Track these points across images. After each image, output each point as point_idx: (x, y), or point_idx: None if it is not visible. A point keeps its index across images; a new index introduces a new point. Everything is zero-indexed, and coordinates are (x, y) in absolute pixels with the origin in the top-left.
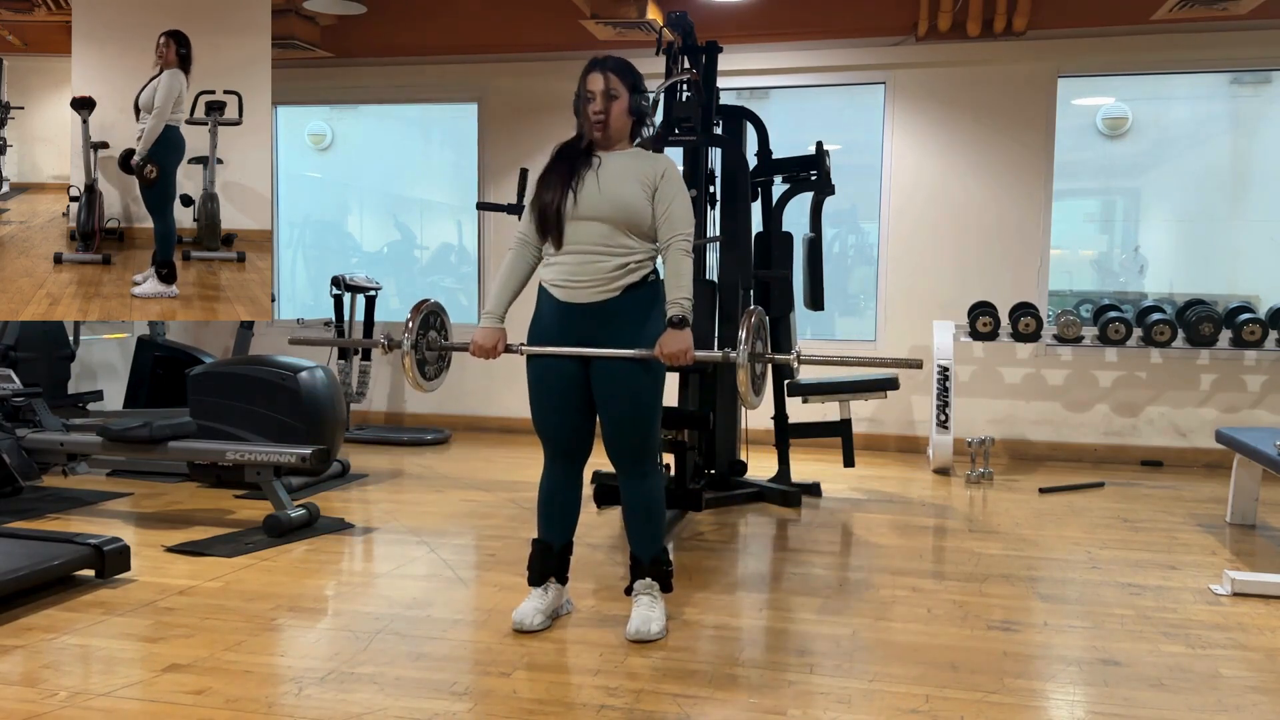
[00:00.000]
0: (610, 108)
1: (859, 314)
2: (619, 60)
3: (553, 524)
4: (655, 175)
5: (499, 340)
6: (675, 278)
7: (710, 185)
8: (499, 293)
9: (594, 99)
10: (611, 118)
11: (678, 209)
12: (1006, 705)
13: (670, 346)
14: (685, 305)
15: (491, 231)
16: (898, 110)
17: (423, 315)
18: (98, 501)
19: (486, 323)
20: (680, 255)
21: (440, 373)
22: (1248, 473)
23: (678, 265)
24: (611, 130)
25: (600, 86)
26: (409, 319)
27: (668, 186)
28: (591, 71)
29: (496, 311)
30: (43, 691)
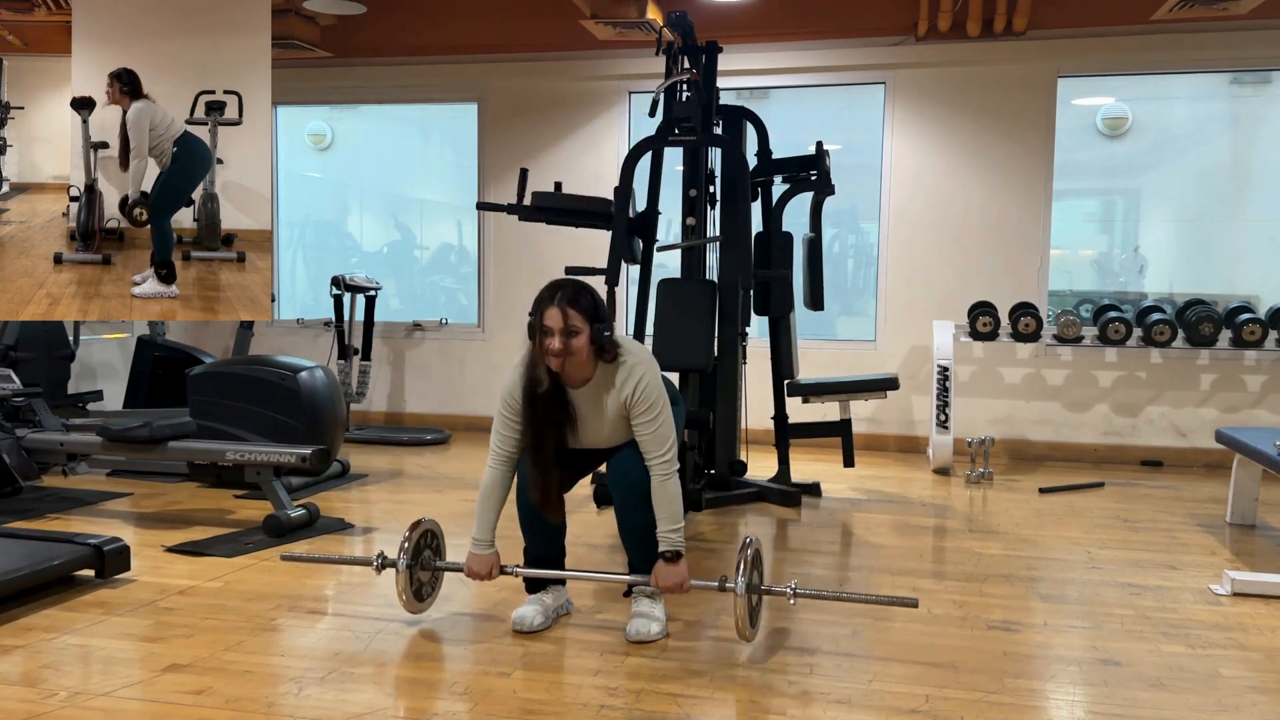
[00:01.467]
0: (571, 344)
1: (859, 314)
2: (575, 289)
3: (540, 542)
4: (625, 400)
5: (493, 565)
6: (663, 508)
7: (710, 185)
8: (484, 519)
9: (552, 336)
10: (573, 352)
11: (654, 432)
12: (1006, 705)
13: (665, 581)
14: (675, 540)
15: (491, 231)
16: (898, 110)
17: (419, 535)
18: (98, 501)
19: (477, 550)
20: (662, 482)
21: (433, 593)
22: (1248, 473)
23: (664, 493)
24: (573, 365)
25: (559, 324)
26: (404, 539)
27: (639, 408)
28: (549, 307)
29: (485, 538)
30: (43, 691)
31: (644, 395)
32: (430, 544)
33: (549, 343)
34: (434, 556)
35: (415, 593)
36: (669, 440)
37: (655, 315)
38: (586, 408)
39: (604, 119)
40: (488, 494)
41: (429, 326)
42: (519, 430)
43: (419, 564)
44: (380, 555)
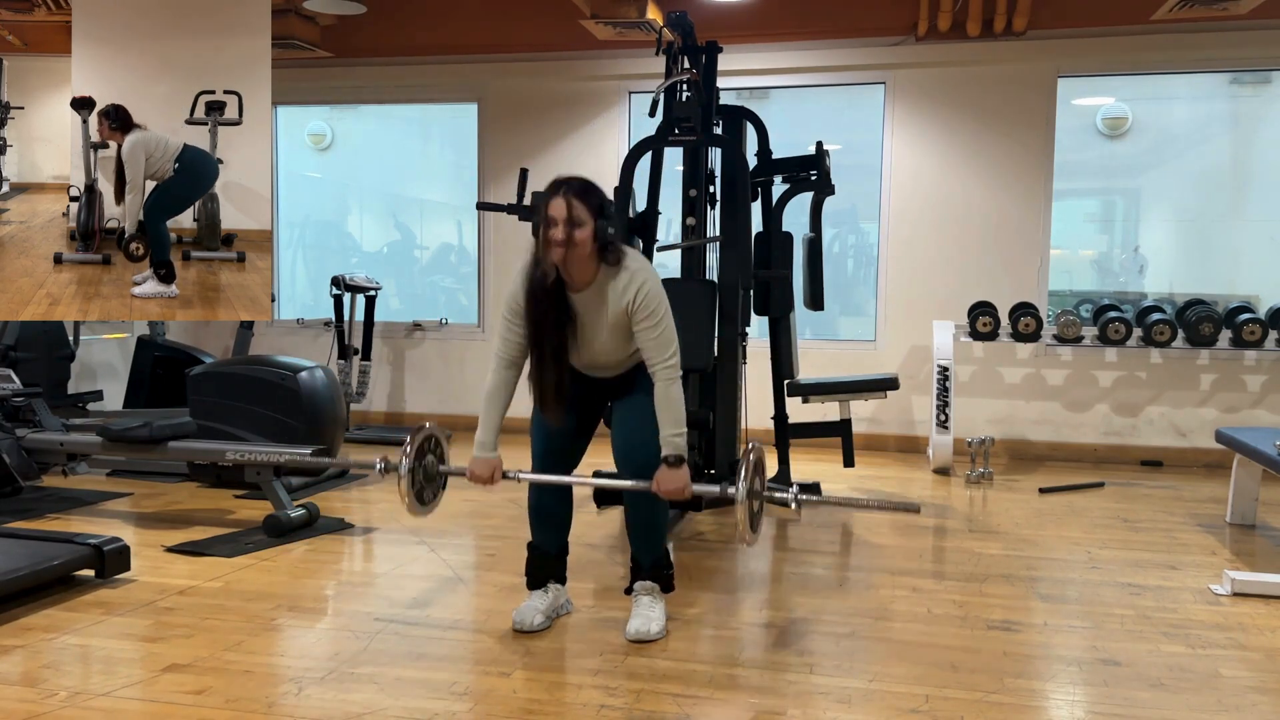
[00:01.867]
0: (574, 235)
1: (859, 314)
2: (582, 183)
3: (547, 531)
4: (628, 304)
5: (495, 469)
6: (665, 412)
7: (710, 185)
8: (487, 423)
9: (555, 225)
10: (575, 245)
11: (657, 336)
12: (1006, 705)
13: (667, 485)
14: (678, 444)
15: (491, 231)
16: (898, 110)
17: (421, 439)
18: (98, 501)
19: (481, 454)
20: (667, 385)
21: (436, 496)
22: (1248, 473)
23: (666, 397)
24: (575, 258)
25: (562, 214)
26: (407, 443)
27: (642, 313)
28: (553, 197)
29: (488, 442)
30: (43, 691)
31: (645, 301)
32: (433, 449)
33: (553, 233)
34: (437, 461)
35: (417, 495)
36: (672, 345)
37: None
38: (588, 312)
39: (604, 119)
40: (491, 398)
41: (429, 326)
42: (521, 335)
43: (421, 468)
44: (384, 459)
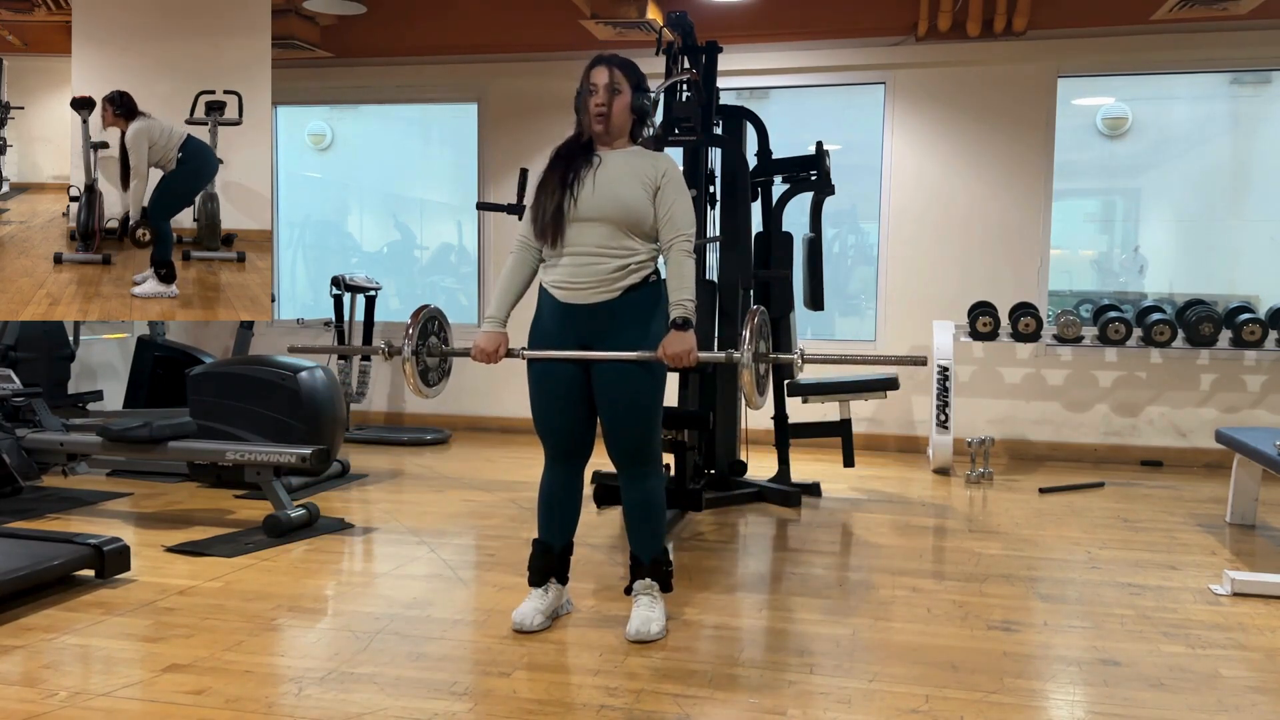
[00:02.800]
0: (613, 102)
1: (859, 314)
2: (623, 58)
3: (553, 525)
4: (657, 175)
5: (500, 344)
6: (677, 279)
7: (710, 185)
8: (500, 297)
9: (597, 91)
10: (614, 112)
11: (679, 210)
12: (1006, 705)
13: (673, 347)
14: (688, 306)
15: (491, 231)
16: (898, 110)
17: (422, 321)
18: (98, 501)
19: (488, 327)
20: (682, 256)
21: (442, 378)
22: (1248, 473)
23: (680, 266)
24: (613, 126)
25: (604, 80)
26: (409, 325)
27: (669, 187)
28: (596, 66)
29: (498, 315)
30: (43, 691)
31: (674, 177)
32: (435, 330)
33: (594, 101)
34: (440, 341)
35: (422, 376)
36: (692, 221)
37: None
38: (612, 166)
39: None
40: (508, 273)
41: None
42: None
43: (425, 349)
44: (387, 343)
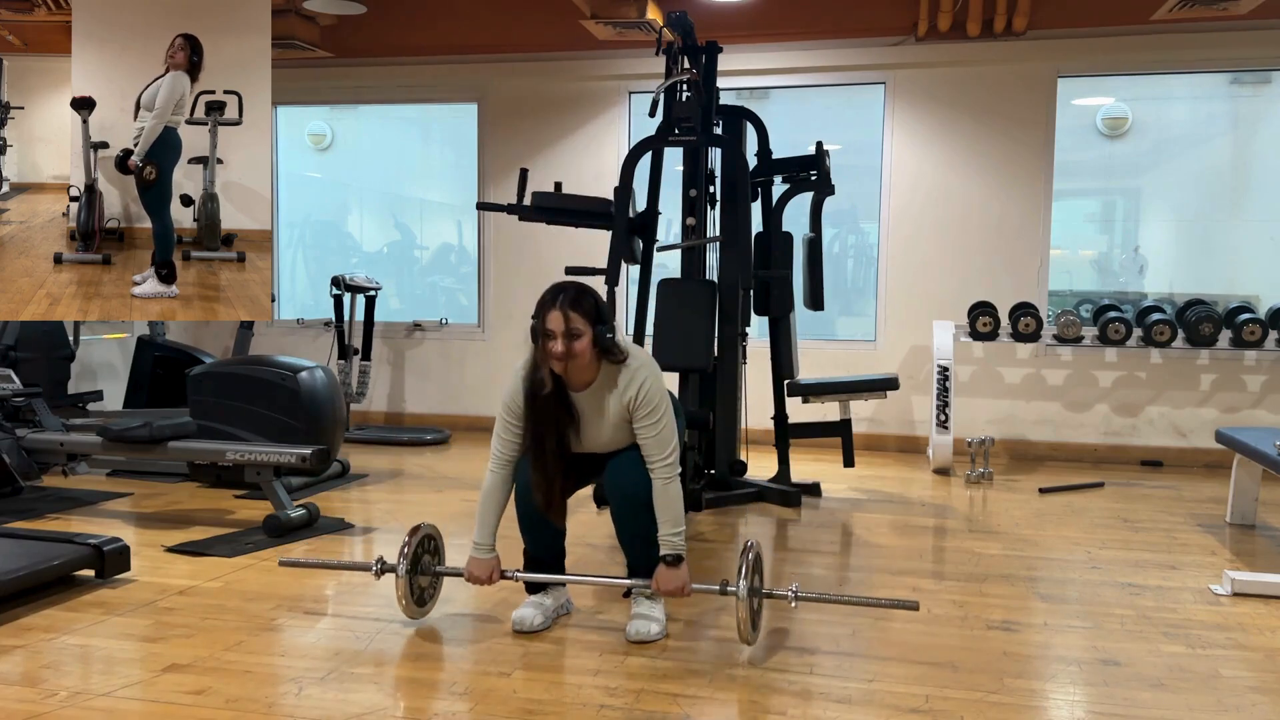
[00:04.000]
0: (573, 346)
1: (859, 314)
2: (577, 292)
3: (540, 543)
4: (628, 404)
5: (493, 569)
6: (664, 512)
7: (710, 185)
8: (485, 523)
9: (554, 338)
10: (576, 355)
11: (656, 435)
12: (1006, 705)
13: (667, 585)
14: (677, 543)
15: (491, 231)
16: (898, 110)
17: (418, 541)
18: (98, 501)
19: (478, 554)
20: (664, 486)
21: (433, 596)
22: (1248, 473)
23: (664, 497)
24: (576, 368)
25: (561, 327)
26: (404, 543)
27: (641, 412)
28: (550, 310)
29: (485, 543)
30: (43, 691)
31: (647, 398)
32: (429, 548)
33: (551, 346)
34: (434, 561)
35: (416, 599)
36: (671, 443)
37: (655, 315)
38: (589, 410)
39: (604, 119)
40: (488, 498)
41: (429, 326)
42: (520, 435)
43: (419, 570)
44: (380, 560)
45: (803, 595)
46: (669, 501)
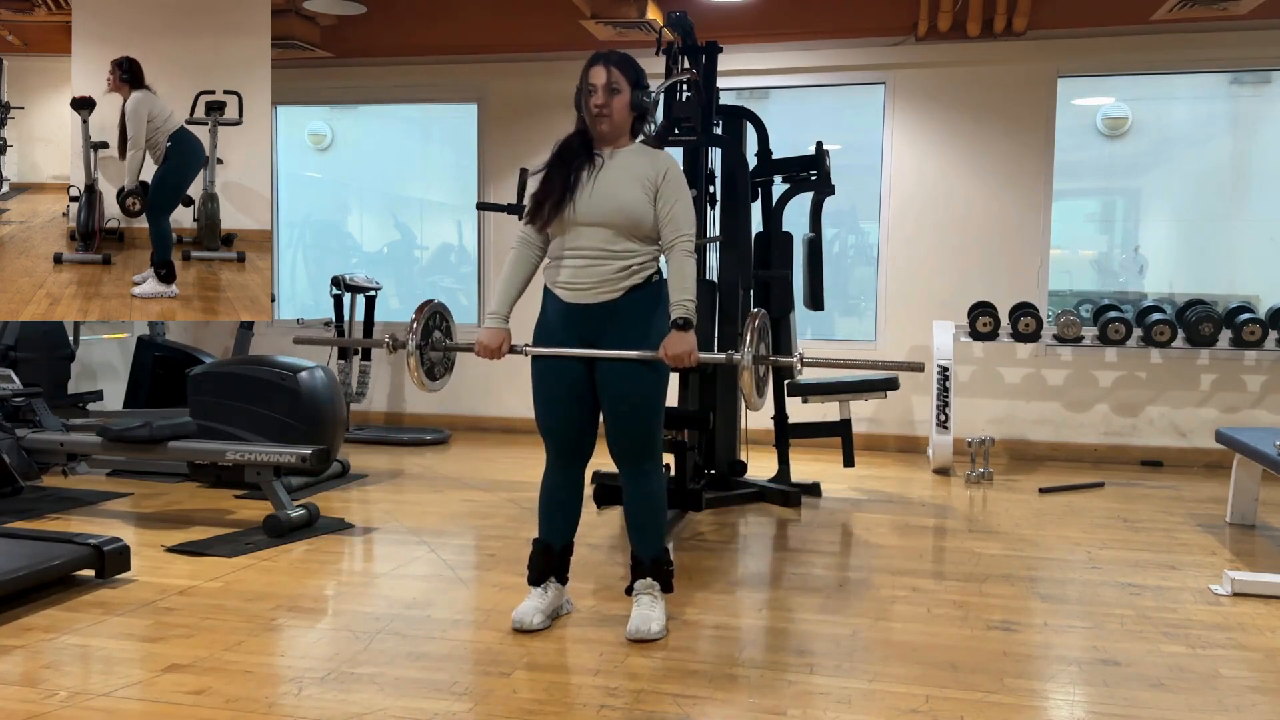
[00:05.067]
0: (612, 102)
1: (859, 314)
2: (622, 55)
3: (554, 524)
4: (657, 175)
5: (504, 340)
6: (678, 279)
7: (710, 185)
8: (502, 293)
9: (596, 92)
10: (613, 111)
11: (680, 210)
12: (1006, 705)
13: (675, 348)
14: (689, 307)
15: (491, 231)
16: (898, 110)
17: (427, 315)
18: (98, 501)
19: (491, 323)
20: (683, 256)
21: (446, 373)
22: (1248, 473)
23: (681, 267)
24: (613, 124)
25: (603, 80)
26: (413, 319)
27: (669, 187)
28: (594, 65)
29: (501, 312)
30: (43, 691)
31: (675, 176)
32: (439, 324)
33: (593, 100)
34: (444, 336)
35: (428, 372)
36: (693, 221)
37: None
38: (613, 168)
39: None
40: (510, 270)
41: None
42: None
43: (429, 344)
44: (391, 337)
45: (808, 360)
46: (685, 273)
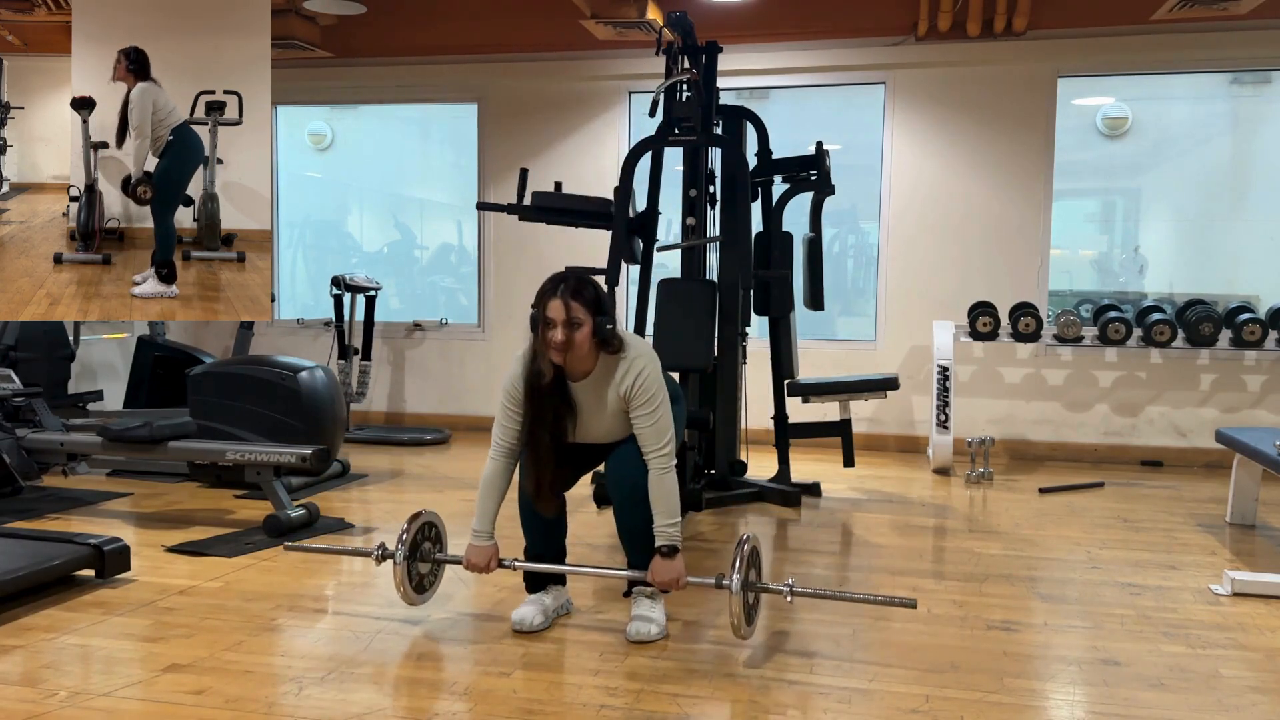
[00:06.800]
0: (574, 336)
1: (859, 314)
2: (579, 281)
3: (539, 540)
4: (626, 394)
5: (491, 557)
6: (660, 503)
7: (710, 185)
8: (484, 510)
9: (555, 327)
10: (575, 346)
11: (651, 425)
12: (1006, 705)
13: (662, 576)
14: (673, 534)
15: (491, 231)
16: (898, 110)
17: (416, 529)
18: (98, 501)
19: (477, 541)
20: (660, 476)
21: (433, 585)
22: (1248, 473)
23: (661, 487)
24: (575, 359)
25: (562, 316)
26: (403, 530)
27: (638, 404)
28: (551, 299)
29: (485, 530)
30: (43, 691)
31: (643, 388)
32: (430, 535)
33: (551, 335)
34: (434, 548)
35: (415, 586)
36: (667, 434)
37: (655, 315)
38: (587, 401)
39: (604, 119)
40: (488, 485)
41: (429, 326)
42: (520, 422)
43: (418, 556)
44: (380, 546)
45: (798, 590)
46: (665, 493)
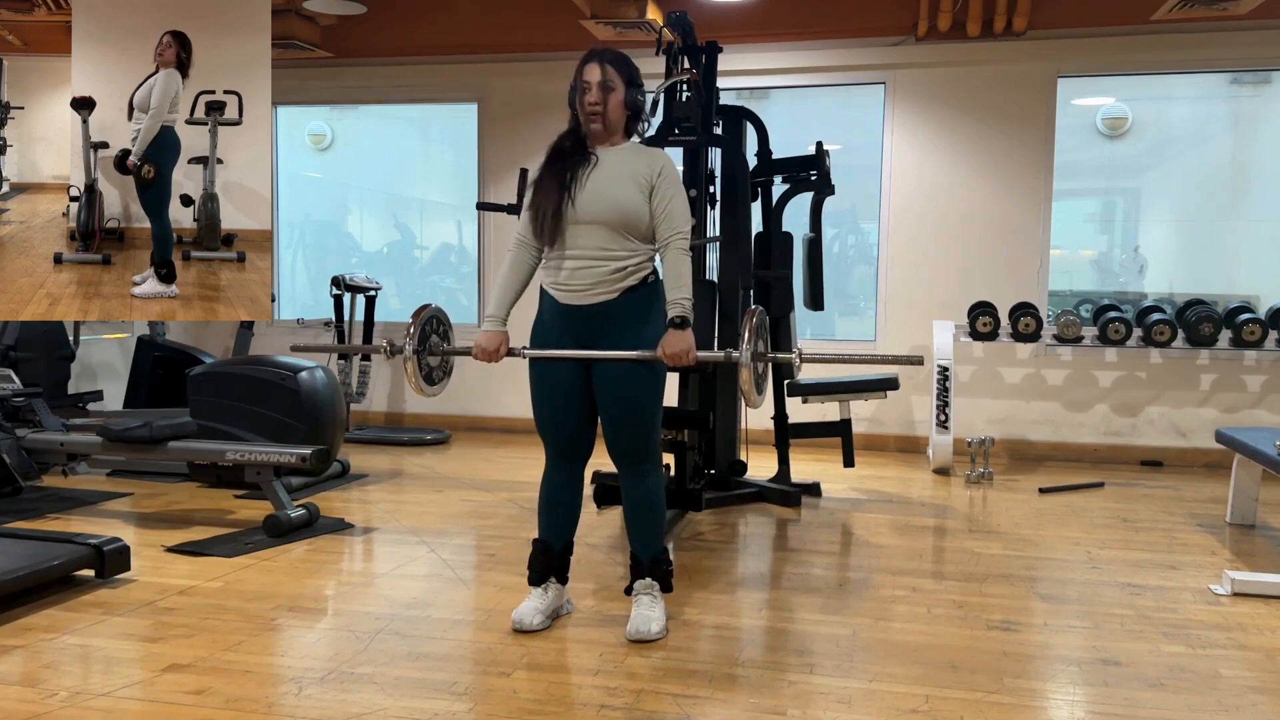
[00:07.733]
0: (606, 100)
1: (859, 314)
2: (616, 53)
3: (553, 524)
4: (652, 173)
5: (501, 343)
6: (675, 278)
7: (710, 185)
8: (500, 295)
9: (590, 89)
10: (608, 110)
11: (675, 207)
12: (1006, 705)
13: (672, 347)
14: (686, 305)
15: (491, 231)
16: (898, 110)
17: (424, 320)
18: (98, 501)
19: (489, 325)
20: (679, 254)
21: (444, 378)
22: (1248, 473)
23: (677, 265)
24: (607, 123)
25: (597, 78)
26: (410, 324)
27: (665, 185)
28: (588, 62)
29: (498, 314)
30: (43, 691)
31: (670, 174)
32: (437, 329)
33: (587, 98)
34: (441, 341)
35: (425, 377)
36: (688, 219)
37: None
38: (608, 169)
39: None
40: (507, 272)
41: None
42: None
43: (427, 349)
44: (389, 342)
45: (806, 355)
46: (680, 271)
